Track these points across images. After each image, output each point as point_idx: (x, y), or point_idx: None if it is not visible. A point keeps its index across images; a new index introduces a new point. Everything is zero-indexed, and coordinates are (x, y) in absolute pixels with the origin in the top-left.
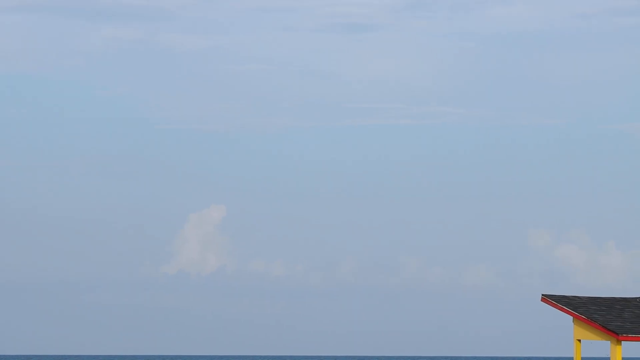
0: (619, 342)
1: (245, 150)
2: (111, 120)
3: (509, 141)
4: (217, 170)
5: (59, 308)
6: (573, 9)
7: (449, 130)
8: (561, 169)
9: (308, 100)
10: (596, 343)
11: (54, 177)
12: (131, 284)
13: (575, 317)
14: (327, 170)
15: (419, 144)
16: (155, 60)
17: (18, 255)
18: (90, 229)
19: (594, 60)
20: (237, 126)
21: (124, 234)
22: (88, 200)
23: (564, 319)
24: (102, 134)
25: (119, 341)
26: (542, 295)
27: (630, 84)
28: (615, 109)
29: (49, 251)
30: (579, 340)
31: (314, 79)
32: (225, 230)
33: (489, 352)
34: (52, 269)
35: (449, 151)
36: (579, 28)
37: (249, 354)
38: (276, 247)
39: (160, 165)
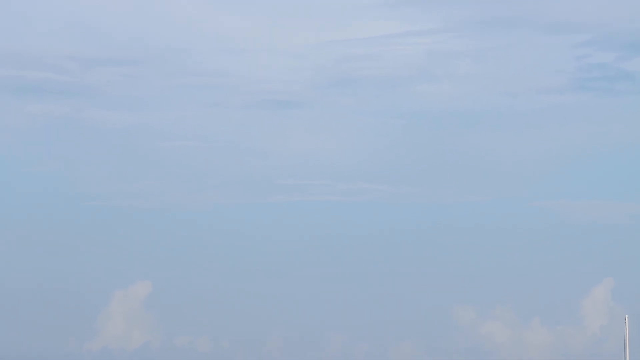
0: None
1: (172, 226)
2: (37, 196)
3: (435, 218)
4: (144, 246)
5: None
6: (499, 88)
7: (375, 207)
8: (486, 246)
9: (236, 176)
10: None
11: None
12: None
13: None
14: (254, 246)
15: (344, 221)
16: (82, 136)
17: None
18: (13, 304)
19: (520, 138)
20: (164, 202)
21: (48, 310)
22: (12, 275)
23: None
24: (28, 210)
25: None
26: None
27: (556, 161)
28: (541, 187)
29: None
30: None
31: (242, 155)
32: (151, 307)
33: None
34: None
35: (375, 228)
36: (505, 106)
37: None
38: (202, 323)
39: (86, 241)
